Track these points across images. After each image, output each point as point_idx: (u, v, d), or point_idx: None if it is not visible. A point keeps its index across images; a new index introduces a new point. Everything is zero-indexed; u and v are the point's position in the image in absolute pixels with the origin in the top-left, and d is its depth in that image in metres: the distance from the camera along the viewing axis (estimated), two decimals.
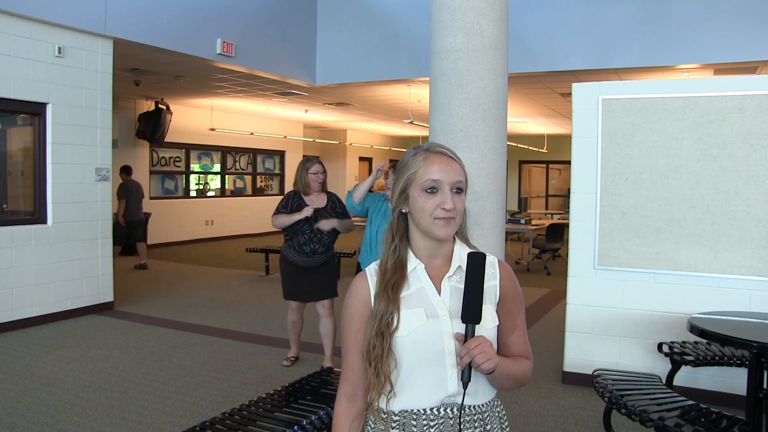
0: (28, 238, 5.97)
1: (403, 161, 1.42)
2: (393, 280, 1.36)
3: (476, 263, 1.31)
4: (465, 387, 1.28)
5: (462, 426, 1.35)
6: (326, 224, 4.42)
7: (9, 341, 5.41)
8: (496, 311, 1.41)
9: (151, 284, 8.38)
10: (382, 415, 1.37)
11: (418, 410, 1.35)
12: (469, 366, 1.27)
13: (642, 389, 3.19)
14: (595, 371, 3.46)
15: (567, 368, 4.47)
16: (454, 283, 1.39)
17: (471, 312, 1.29)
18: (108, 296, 6.73)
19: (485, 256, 1.34)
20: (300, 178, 4.52)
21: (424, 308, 1.35)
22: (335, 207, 4.55)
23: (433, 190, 1.34)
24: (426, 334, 1.33)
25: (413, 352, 1.33)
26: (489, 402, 1.41)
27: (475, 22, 3.93)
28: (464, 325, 1.30)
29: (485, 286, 1.38)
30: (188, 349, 5.27)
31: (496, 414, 1.43)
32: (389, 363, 1.34)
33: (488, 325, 1.36)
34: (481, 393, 1.38)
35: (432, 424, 1.34)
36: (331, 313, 4.61)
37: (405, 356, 1.34)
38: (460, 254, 1.41)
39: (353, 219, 4.72)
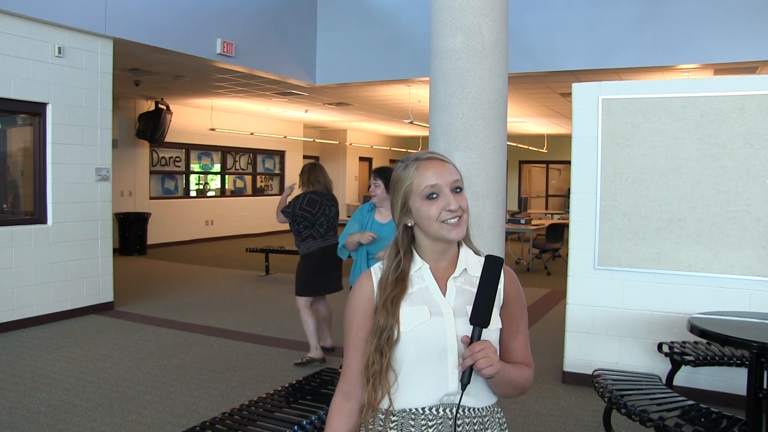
0: (28, 238, 5.97)
1: (396, 177, 1.41)
2: (393, 294, 1.35)
3: (494, 267, 1.29)
4: (463, 388, 1.28)
5: (460, 428, 1.34)
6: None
7: (9, 341, 5.41)
8: (500, 315, 1.40)
9: (151, 284, 8.38)
10: (380, 415, 1.37)
11: (417, 410, 1.34)
12: (470, 368, 1.26)
13: (642, 389, 3.19)
14: (595, 371, 3.46)
15: (567, 368, 4.47)
16: (460, 284, 1.38)
17: (481, 315, 1.28)
18: (108, 296, 6.73)
19: (503, 260, 1.33)
20: None
21: (427, 306, 1.35)
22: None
23: (433, 195, 1.34)
24: (429, 331, 1.33)
25: (416, 349, 1.33)
26: (490, 407, 1.40)
27: (475, 22, 3.93)
28: (468, 326, 1.30)
29: None
30: (188, 349, 5.27)
31: (497, 420, 1.42)
32: (388, 379, 1.34)
33: (491, 326, 1.34)
34: (482, 396, 1.38)
35: (431, 424, 1.34)
36: (299, 309, 4.88)
37: (407, 353, 1.33)
38: (466, 257, 1.41)
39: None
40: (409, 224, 1.39)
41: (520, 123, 14.87)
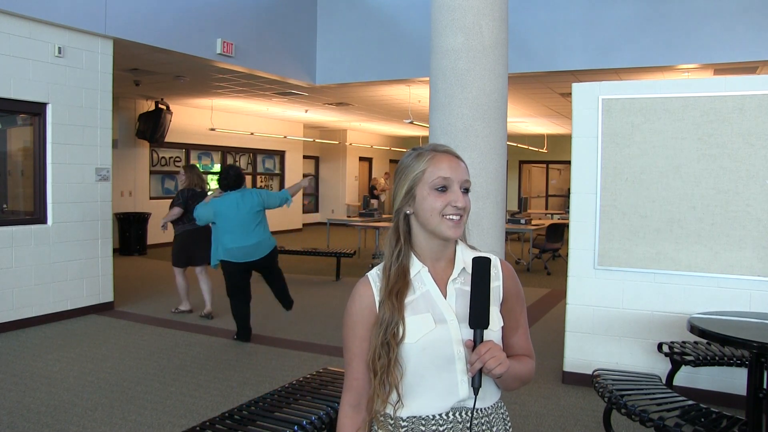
0: (28, 238, 5.97)
1: (406, 163, 1.39)
2: (397, 287, 1.33)
3: (481, 268, 1.29)
4: (476, 393, 1.27)
5: (471, 430, 1.34)
6: None
7: (9, 341, 5.41)
8: (500, 311, 1.40)
9: (151, 284, 8.38)
10: (389, 421, 1.35)
11: (427, 416, 1.33)
12: (480, 371, 1.26)
13: (642, 389, 3.19)
14: (595, 371, 3.46)
15: (567, 368, 4.47)
16: (459, 285, 1.37)
17: (478, 317, 1.27)
18: (108, 296, 6.73)
19: (490, 260, 1.32)
20: None
21: (431, 313, 1.33)
22: None
23: (443, 188, 1.32)
24: (435, 340, 1.31)
25: (422, 359, 1.31)
26: (494, 404, 1.40)
27: (475, 22, 3.93)
28: (472, 330, 1.29)
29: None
30: (188, 349, 5.27)
31: (500, 415, 1.42)
32: (396, 372, 1.31)
33: (494, 327, 1.34)
34: (488, 395, 1.38)
35: (441, 429, 1.33)
36: (175, 274, 6.59)
37: (413, 363, 1.32)
38: (463, 256, 1.40)
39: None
40: (408, 212, 1.37)
41: (520, 123, 14.87)
